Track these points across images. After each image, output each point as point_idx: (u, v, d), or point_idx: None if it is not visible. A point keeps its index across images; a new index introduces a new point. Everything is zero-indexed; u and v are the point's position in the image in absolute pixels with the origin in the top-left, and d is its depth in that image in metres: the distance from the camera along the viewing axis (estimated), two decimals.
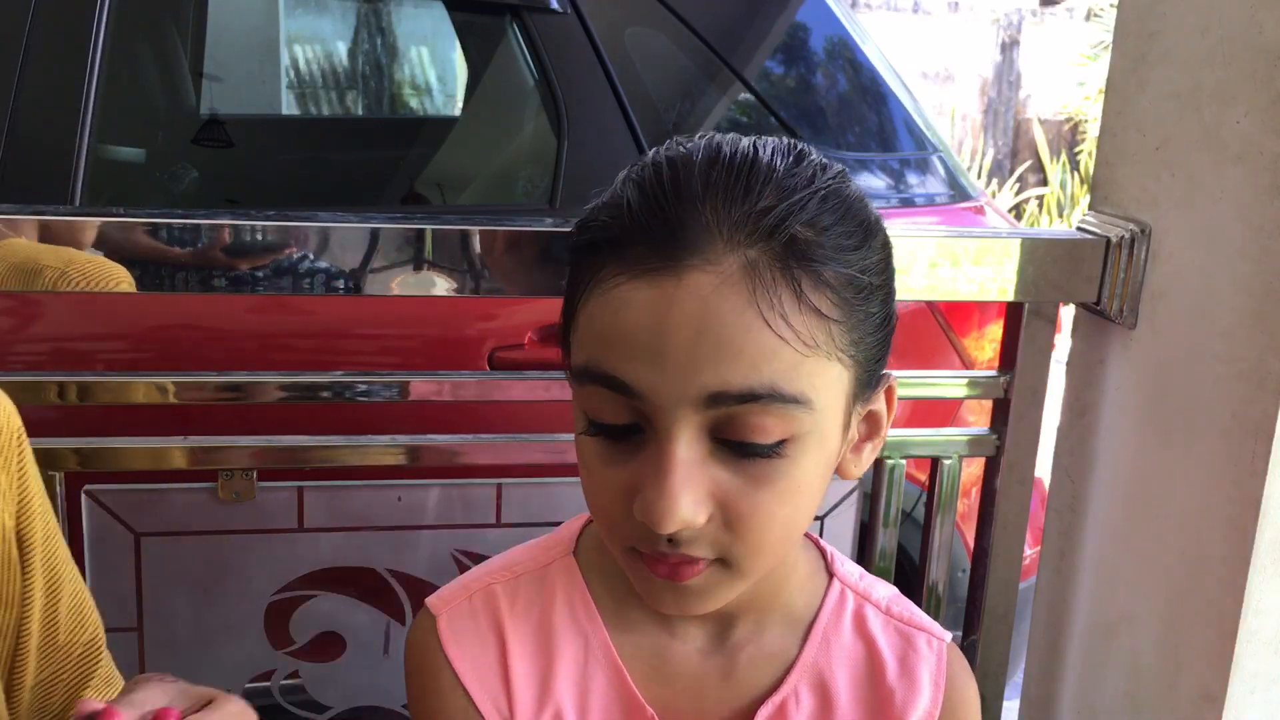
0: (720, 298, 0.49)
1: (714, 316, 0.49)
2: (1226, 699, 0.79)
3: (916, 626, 0.64)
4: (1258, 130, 0.76)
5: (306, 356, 1.34)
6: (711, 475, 0.51)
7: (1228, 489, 0.78)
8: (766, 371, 0.49)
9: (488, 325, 1.36)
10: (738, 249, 0.49)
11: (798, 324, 0.49)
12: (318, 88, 3.18)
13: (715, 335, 0.49)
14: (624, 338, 0.50)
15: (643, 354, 0.50)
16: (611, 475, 0.53)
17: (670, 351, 0.49)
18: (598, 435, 0.53)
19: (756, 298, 0.49)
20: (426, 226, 0.81)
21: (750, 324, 0.49)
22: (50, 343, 1.30)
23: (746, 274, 0.49)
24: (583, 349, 0.53)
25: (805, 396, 0.50)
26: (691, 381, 0.49)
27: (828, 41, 1.65)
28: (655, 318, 0.49)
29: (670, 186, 0.51)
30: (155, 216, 0.78)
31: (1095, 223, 0.91)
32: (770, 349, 0.49)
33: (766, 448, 0.50)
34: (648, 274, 0.50)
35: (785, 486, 0.52)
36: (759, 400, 0.49)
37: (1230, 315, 0.78)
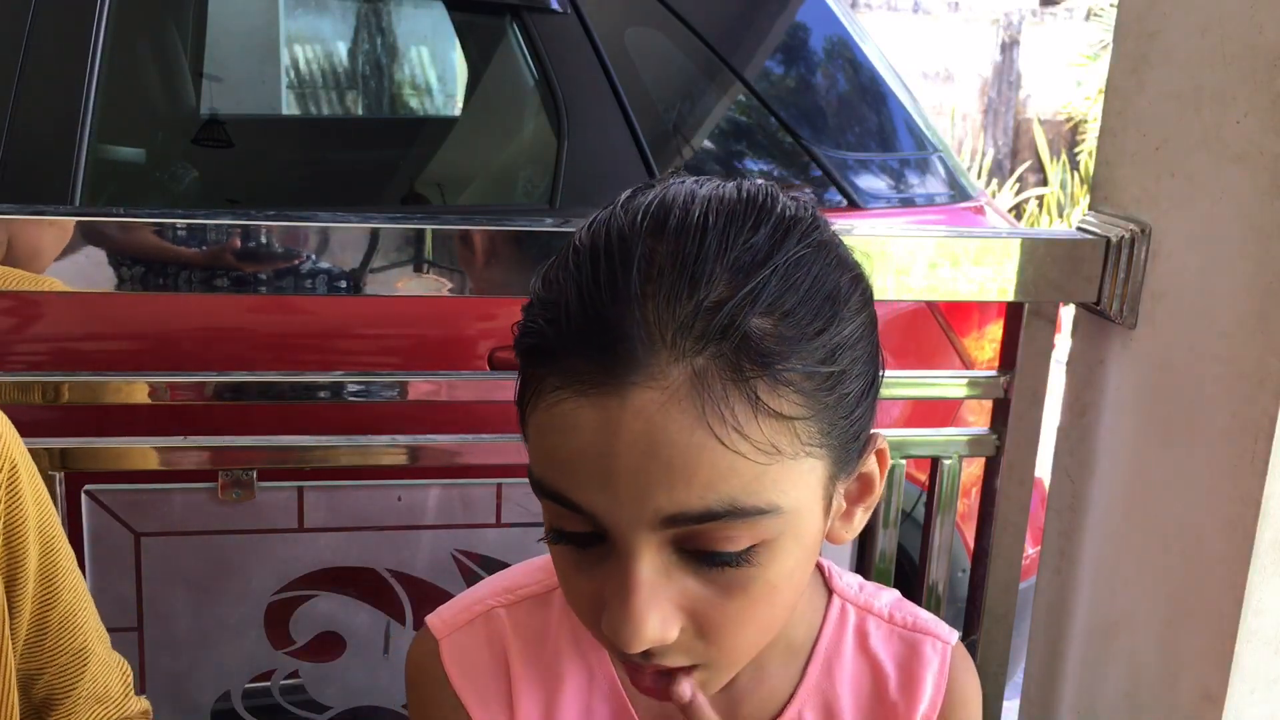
0: (667, 417, 0.45)
1: (662, 438, 0.45)
2: (1226, 699, 0.79)
3: (921, 631, 0.62)
4: (1258, 130, 0.76)
5: (306, 356, 1.34)
6: (679, 587, 0.48)
7: (1228, 489, 0.78)
8: (724, 490, 0.45)
9: (488, 325, 1.36)
10: (683, 358, 0.45)
11: (754, 434, 0.45)
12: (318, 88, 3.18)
13: (665, 459, 0.45)
14: (571, 461, 0.47)
15: (592, 479, 0.46)
16: (581, 583, 0.51)
17: (619, 477, 0.45)
18: (562, 543, 0.50)
19: (706, 414, 0.44)
20: (426, 226, 0.81)
21: (702, 443, 0.45)
22: (50, 343, 1.30)
23: (694, 387, 0.44)
24: (535, 461, 0.50)
25: (771, 504, 0.46)
26: (645, 506, 0.46)
27: (828, 41, 1.66)
28: (602, 441, 0.46)
29: (607, 285, 0.45)
30: (155, 216, 0.78)
31: (1095, 223, 0.91)
32: (726, 466, 0.45)
33: (734, 556, 0.47)
34: (590, 393, 0.46)
35: (760, 591, 0.48)
36: (719, 519, 0.46)
37: (1230, 315, 0.78)
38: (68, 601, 0.64)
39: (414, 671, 0.62)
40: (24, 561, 0.61)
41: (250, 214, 0.80)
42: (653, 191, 0.49)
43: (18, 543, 0.60)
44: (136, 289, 0.79)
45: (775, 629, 0.52)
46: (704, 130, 1.57)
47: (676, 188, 0.49)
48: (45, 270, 0.77)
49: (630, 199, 0.49)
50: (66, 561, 0.65)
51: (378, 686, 0.97)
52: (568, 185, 1.46)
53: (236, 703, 0.95)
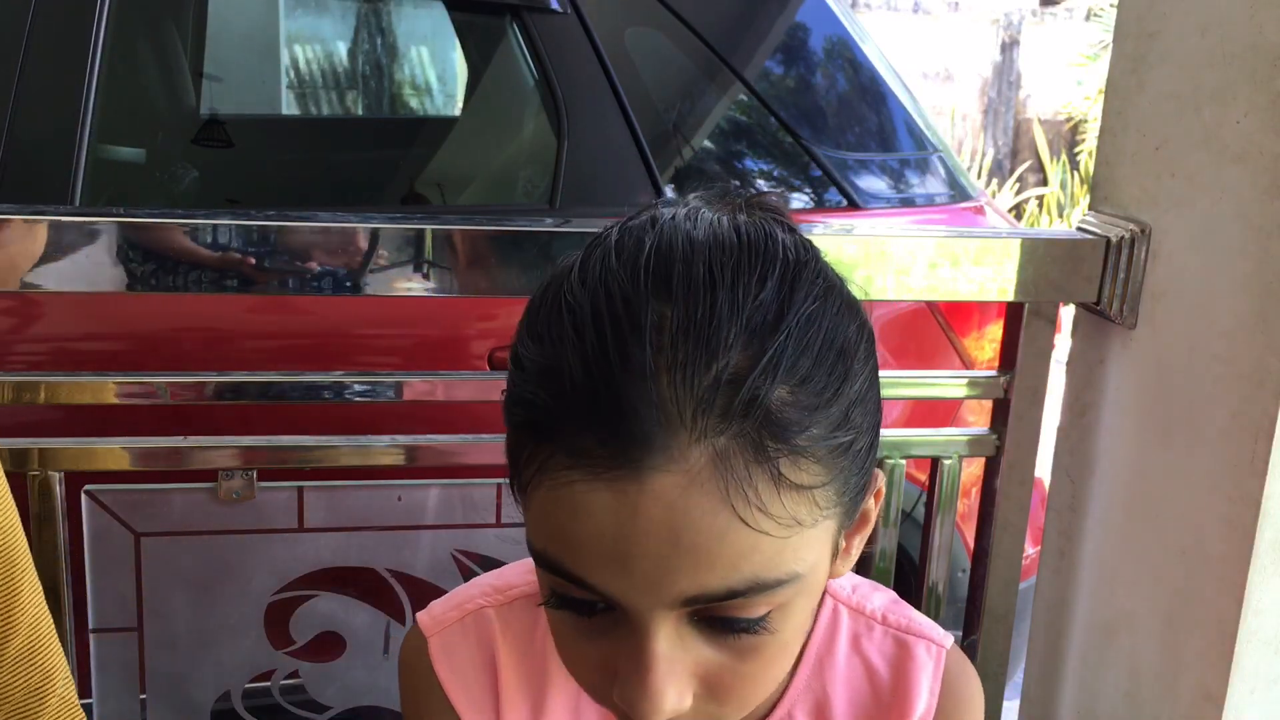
0: (689, 502, 0.43)
1: (684, 524, 0.43)
2: (1226, 699, 0.79)
3: (915, 634, 0.62)
4: (1258, 130, 0.76)
5: (306, 356, 1.34)
6: (694, 656, 0.47)
7: (1228, 489, 0.78)
8: (746, 569, 0.44)
9: (488, 325, 1.36)
10: (704, 439, 0.43)
11: (777, 511, 0.44)
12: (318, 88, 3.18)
13: (688, 545, 0.43)
14: (584, 544, 0.45)
15: (608, 563, 0.45)
16: (587, 650, 0.49)
17: (639, 563, 0.44)
18: (564, 609, 0.48)
19: (730, 496, 0.43)
20: (426, 226, 0.81)
21: (725, 526, 0.43)
22: (50, 343, 1.30)
23: (717, 468, 0.43)
24: (538, 535, 0.48)
25: (791, 574, 0.46)
26: (666, 591, 0.44)
27: (828, 41, 1.66)
28: (619, 527, 0.44)
29: (617, 358, 0.43)
30: (155, 216, 0.78)
31: (1095, 223, 0.91)
32: (749, 546, 0.44)
33: (752, 624, 0.46)
34: (605, 475, 0.43)
35: (773, 652, 0.48)
36: (741, 596, 0.45)
37: (1230, 315, 0.78)
38: (25, 635, 0.60)
39: (404, 668, 0.62)
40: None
41: (250, 214, 0.80)
42: (645, 234, 0.46)
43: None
44: (138, 289, 0.78)
45: (781, 678, 0.52)
46: (704, 130, 1.57)
47: (669, 230, 0.46)
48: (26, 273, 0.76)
49: (621, 242, 0.47)
50: (29, 590, 0.61)
51: (378, 686, 0.97)
52: (568, 185, 1.46)
53: (236, 703, 0.95)
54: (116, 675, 0.91)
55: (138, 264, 0.78)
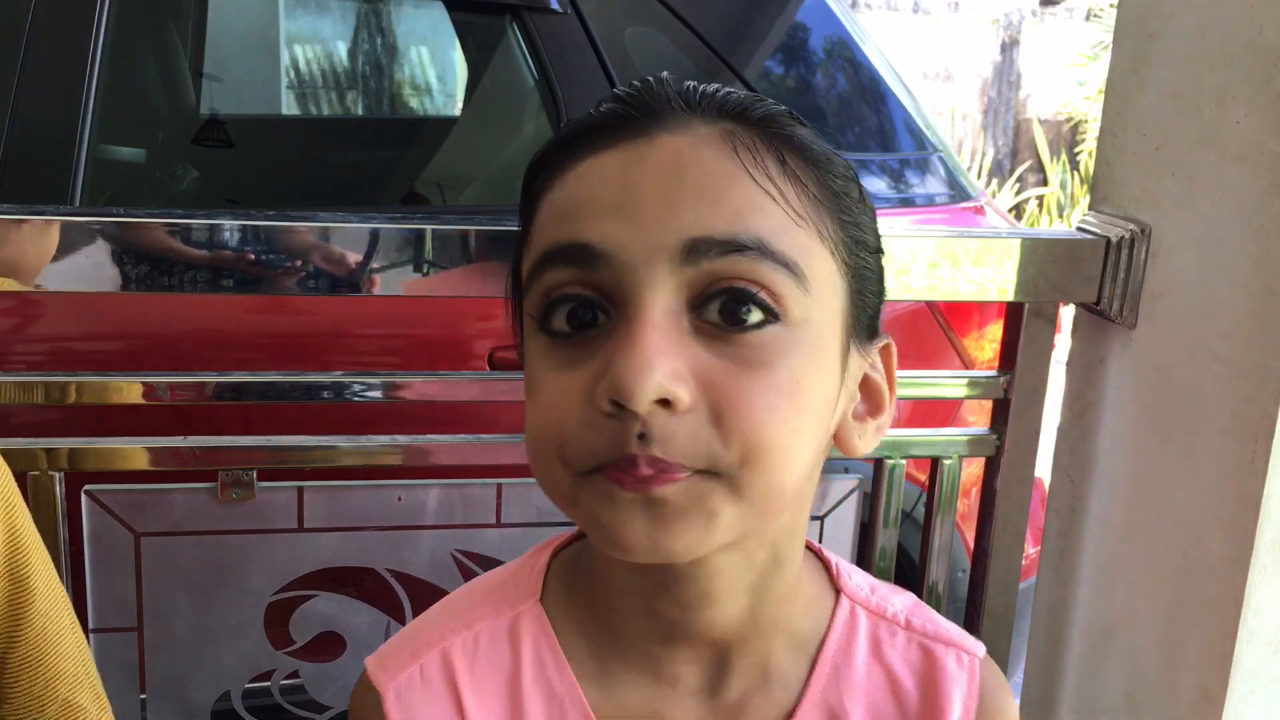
0: (697, 150, 0.44)
1: (692, 163, 0.44)
2: (1226, 699, 0.79)
3: (943, 641, 0.56)
4: (1258, 130, 0.76)
5: (307, 356, 1.34)
6: (692, 352, 0.43)
7: (1228, 489, 0.78)
8: (753, 223, 0.43)
9: (488, 325, 1.36)
10: (712, 121, 0.45)
11: (784, 187, 0.45)
12: (318, 88, 3.18)
13: (695, 180, 0.43)
14: (589, 200, 0.44)
15: (611, 210, 0.43)
16: (566, 380, 0.44)
17: (643, 200, 0.43)
18: (548, 337, 0.45)
19: (739, 154, 0.44)
20: (426, 226, 0.81)
21: (734, 175, 0.44)
22: (50, 343, 1.30)
23: (724, 136, 0.45)
24: (539, 242, 0.46)
25: (797, 266, 0.44)
26: (669, 227, 0.42)
27: (827, 41, 1.65)
28: (625, 172, 0.44)
29: (643, 85, 0.47)
30: (155, 216, 0.78)
31: (1095, 223, 0.91)
32: (756, 203, 0.44)
33: (756, 319, 0.43)
34: (613, 143, 0.45)
35: (783, 378, 0.43)
36: (744, 252, 0.42)
37: (1230, 315, 0.78)
38: (33, 642, 0.59)
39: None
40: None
41: (250, 214, 0.80)
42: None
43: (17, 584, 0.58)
44: (138, 289, 0.79)
45: (799, 459, 0.45)
46: None
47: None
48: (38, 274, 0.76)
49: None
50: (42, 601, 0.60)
51: None
52: None
53: (236, 703, 0.95)
54: (116, 675, 0.91)
55: (136, 264, 0.78)
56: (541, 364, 0.46)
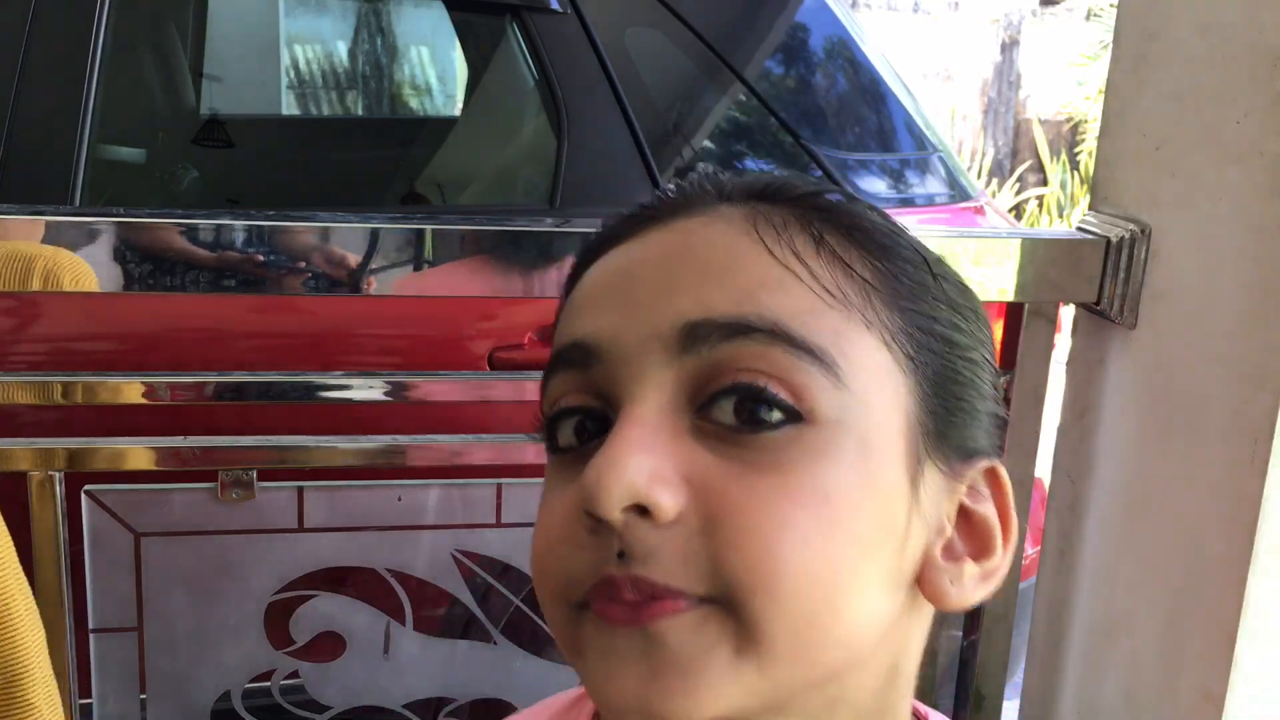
0: (709, 228, 0.38)
1: (699, 240, 0.38)
2: (1227, 699, 0.79)
3: None
4: (1258, 131, 0.76)
5: (306, 356, 1.34)
6: (688, 454, 0.35)
7: (1228, 489, 0.78)
8: (766, 303, 0.35)
9: (488, 325, 1.36)
10: (740, 203, 0.40)
11: (814, 264, 0.37)
12: (318, 88, 3.18)
13: (701, 259, 0.37)
14: (589, 296, 0.40)
15: (609, 299, 0.38)
16: (564, 495, 0.37)
17: (640, 285, 0.37)
18: (556, 456, 0.39)
19: (758, 229, 0.38)
20: (426, 226, 0.81)
21: (745, 250, 0.37)
22: (49, 343, 1.30)
23: (747, 215, 0.39)
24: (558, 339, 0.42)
25: (825, 352, 0.35)
26: (664, 310, 0.36)
27: (828, 41, 1.66)
28: (627, 260, 0.39)
29: (680, 181, 0.43)
30: (155, 216, 0.78)
31: (1095, 223, 0.91)
32: (774, 279, 0.36)
33: (772, 419, 0.34)
34: (633, 233, 0.40)
35: (803, 485, 0.34)
36: (751, 335, 0.35)
37: (1231, 315, 0.78)
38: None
39: None
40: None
41: (250, 214, 0.80)
42: None
43: None
44: (140, 289, 0.79)
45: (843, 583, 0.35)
46: (704, 130, 1.57)
47: None
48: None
49: None
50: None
51: (378, 686, 0.97)
52: (568, 185, 1.46)
53: (236, 703, 0.95)
54: (116, 675, 0.91)
55: (137, 264, 0.78)
56: (547, 486, 0.39)
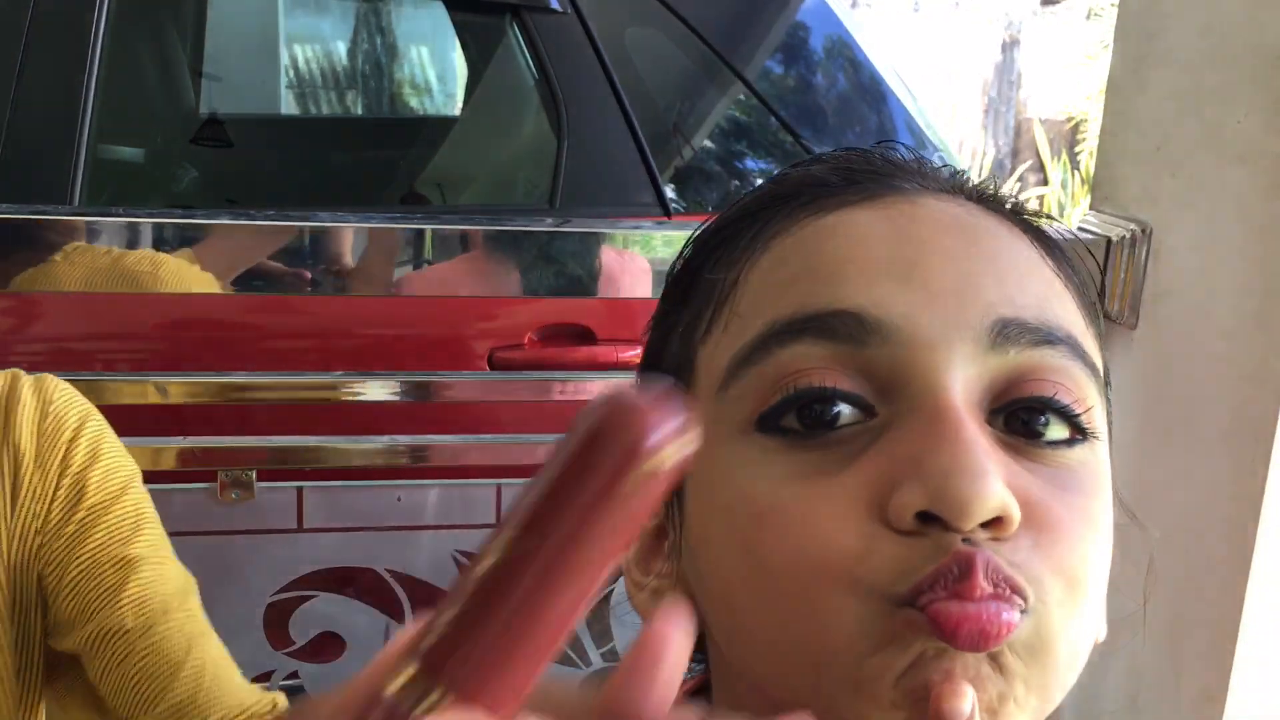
0: (975, 215, 0.35)
1: (981, 230, 0.35)
2: (1227, 700, 0.79)
3: None
4: (1259, 130, 0.76)
5: (306, 357, 1.34)
6: (1000, 459, 0.32)
7: (1229, 489, 0.78)
8: (1058, 310, 0.34)
9: (488, 325, 1.36)
10: (964, 200, 0.37)
11: (1072, 277, 0.37)
12: (317, 87, 3.18)
13: (990, 250, 0.34)
14: (854, 259, 0.33)
15: (888, 271, 0.33)
16: (821, 491, 0.31)
17: (931, 264, 0.33)
18: (775, 438, 0.32)
19: (1022, 234, 0.36)
20: (426, 226, 0.81)
21: (1024, 252, 0.35)
22: (50, 343, 1.30)
23: (988, 210, 0.36)
24: (761, 311, 0.34)
25: (1098, 369, 0.35)
26: (970, 302, 0.32)
27: (828, 41, 1.65)
28: (896, 229, 0.34)
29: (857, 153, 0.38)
30: (154, 216, 0.78)
31: (1095, 222, 0.91)
32: (1056, 289, 0.35)
33: (1059, 435, 0.33)
34: (864, 200, 0.35)
35: (1099, 511, 0.35)
36: (1057, 345, 0.33)
37: (1232, 316, 0.78)
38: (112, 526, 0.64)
39: None
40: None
41: (249, 214, 0.80)
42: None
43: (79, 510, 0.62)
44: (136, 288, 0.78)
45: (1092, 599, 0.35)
46: (704, 130, 1.57)
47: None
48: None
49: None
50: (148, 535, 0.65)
51: None
52: (567, 185, 1.46)
53: None
54: None
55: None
56: (760, 473, 0.32)
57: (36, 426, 0.62)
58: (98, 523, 0.63)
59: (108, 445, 0.66)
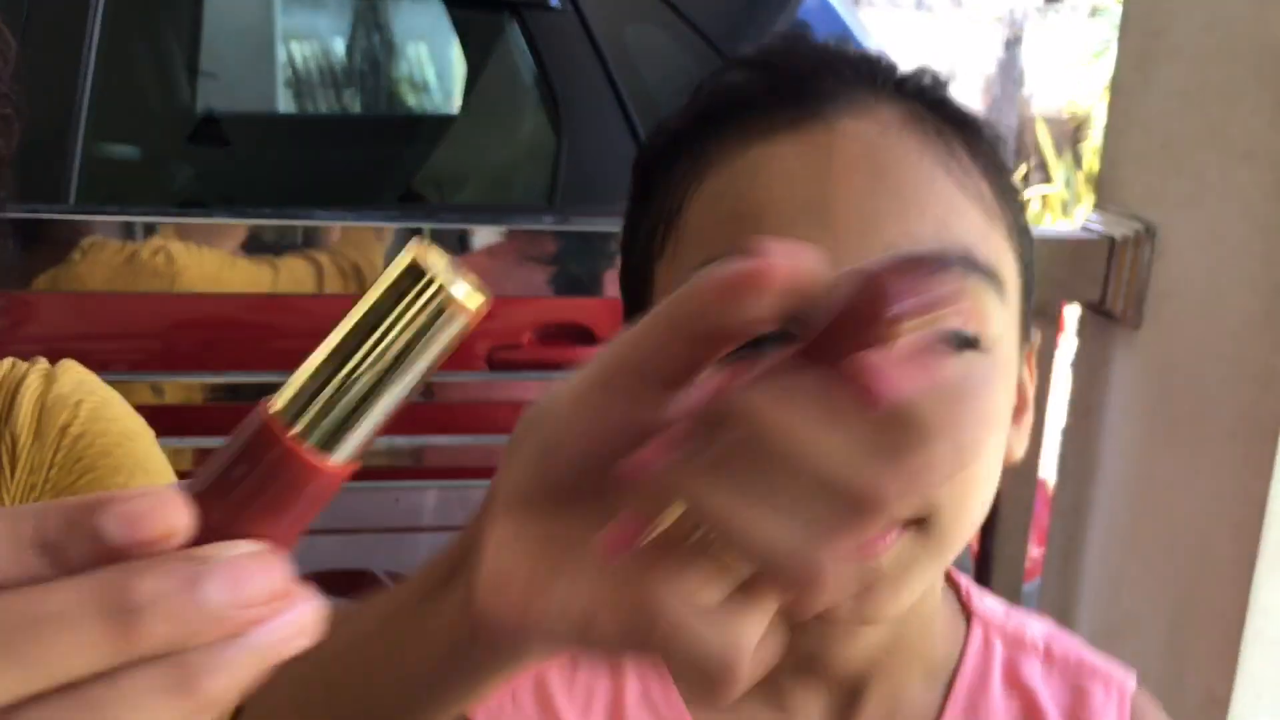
0: (887, 142, 0.39)
1: (888, 160, 0.38)
2: (1232, 701, 0.78)
3: (1088, 671, 0.51)
4: (1264, 128, 0.75)
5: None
6: None
7: (1234, 490, 0.78)
8: (958, 230, 0.39)
9: (486, 325, 1.35)
10: (889, 101, 0.40)
11: (979, 183, 0.40)
12: (314, 85, 3.17)
13: (894, 183, 0.38)
14: (773, 202, 0.38)
15: (801, 216, 0.38)
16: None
17: (839, 206, 0.38)
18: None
19: (929, 147, 0.39)
20: (425, 225, 0.81)
21: (931, 173, 0.39)
22: (50, 343, 1.30)
23: (911, 121, 0.40)
24: (698, 248, 0.40)
25: (998, 276, 0.39)
26: (870, 242, 0.37)
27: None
28: (811, 168, 0.38)
29: (788, 52, 0.42)
30: (151, 215, 0.78)
31: (1100, 221, 0.90)
32: (957, 205, 0.39)
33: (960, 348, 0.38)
34: (786, 128, 0.39)
35: (988, 411, 0.40)
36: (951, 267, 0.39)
37: (1236, 315, 0.78)
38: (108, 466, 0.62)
39: None
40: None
41: (247, 213, 0.79)
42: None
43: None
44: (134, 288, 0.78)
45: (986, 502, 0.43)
46: None
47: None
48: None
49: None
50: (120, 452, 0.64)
51: None
52: (566, 183, 1.46)
53: None
54: None
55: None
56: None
57: (40, 406, 0.62)
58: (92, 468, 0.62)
59: (112, 410, 0.65)
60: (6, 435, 0.61)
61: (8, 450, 0.61)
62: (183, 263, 0.81)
